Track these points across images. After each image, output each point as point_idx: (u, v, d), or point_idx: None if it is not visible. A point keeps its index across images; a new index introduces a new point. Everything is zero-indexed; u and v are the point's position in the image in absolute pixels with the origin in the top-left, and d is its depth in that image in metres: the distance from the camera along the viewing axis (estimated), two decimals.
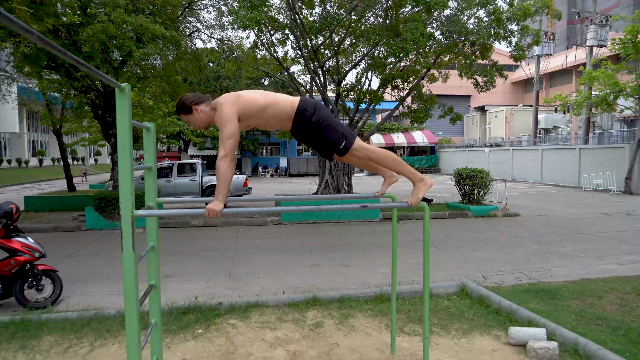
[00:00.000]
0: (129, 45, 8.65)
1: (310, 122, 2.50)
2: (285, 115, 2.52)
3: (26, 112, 36.07)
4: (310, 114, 2.50)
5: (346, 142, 2.52)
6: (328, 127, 2.51)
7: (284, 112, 2.51)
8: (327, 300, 4.61)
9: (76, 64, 1.58)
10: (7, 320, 4.02)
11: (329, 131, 2.51)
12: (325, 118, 2.52)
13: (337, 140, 2.52)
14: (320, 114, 2.51)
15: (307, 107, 2.51)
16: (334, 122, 2.54)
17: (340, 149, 2.53)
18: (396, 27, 10.72)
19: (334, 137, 2.52)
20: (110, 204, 10.12)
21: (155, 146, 2.85)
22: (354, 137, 2.56)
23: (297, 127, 2.55)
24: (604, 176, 17.99)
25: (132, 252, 2.08)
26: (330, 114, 2.58)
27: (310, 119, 2.50)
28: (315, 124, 2.50)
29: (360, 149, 2.55)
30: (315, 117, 2.50)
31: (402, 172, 2.65)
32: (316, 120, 2.50)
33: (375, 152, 2.60)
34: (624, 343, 3.49)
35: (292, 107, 2.51)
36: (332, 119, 2.55)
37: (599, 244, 7.89)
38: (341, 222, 10.69)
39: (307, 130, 2.54)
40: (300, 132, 2.57)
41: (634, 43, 14.64)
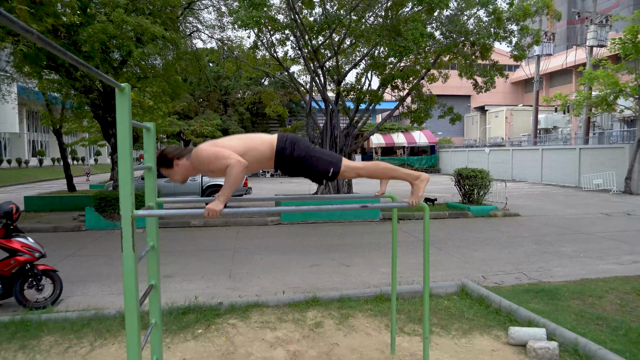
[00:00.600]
0: (129, 45, 8.65)
1: (292, 158, 2.50)
2: (265, 157, 2.51)
3: (26, 112, 36.07)
4: (290, 150, 2.49)
5: (334, 168, 2.53)
6: (311, 159, 2.51)
7: (263, 154, 2.50)
8: (327, 300, 4.61)
9: (76, 64, 1.58)
10: (7, 320, 4.02)
11: (314, 162, 2.51)
12: (307, 151, 2.51)
13: (325, 169, 2.52)
14: (301, 148, 2.50)
15: (285, 146, 2.49)
16: (316, 153, 2.54)
17: (330, 176, 2.54)
18: (396, 27, 10.72)
19: (320, 167, 2.52)
20: (110, 204, 10.11)
21: (155, 146, 2.85)
22: (340, 160, 2.55)
23: (280, 164, 2.55)
24: (604, 176, 17.99)
25: (132, 252, 2.08)
26: (311, 145, 2.57)
27: (291, 155, 2.49)
28: (298, 159, 2.50)
29: (348, 169, 2.56)
30: (296, 153, 2.49)
31: (396, 177, 2.65)
32: (298, 155, 2.50)
33: (365, 168, 2.61)
34: (624, 343, 3.48)
35: (271, 148, 2.50)
36: (314, 150, 2.55)
37: (599, 244, 7.89)
38: (341, 222, 10.69)
39: (292, 166, 2.54)
40: (285, 168, 2.57)
41: (634, 43, 14.64)
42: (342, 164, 2.54)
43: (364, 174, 2.61)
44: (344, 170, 2.55)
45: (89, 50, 8.27)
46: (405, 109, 15.16)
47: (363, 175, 2.62)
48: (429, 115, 14.47)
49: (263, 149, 2.49)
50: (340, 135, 13.52)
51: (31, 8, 7.49)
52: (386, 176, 2.67)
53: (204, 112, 28.21)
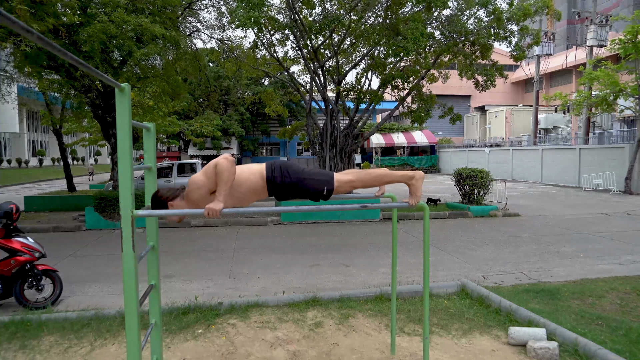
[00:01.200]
0: (129, 45, 8.65)
1: (284, 185, 2.50)
2: (259, 187, 2.51)
3: (26, 112, 36.07)
4: (281, 178, 2.49)
5: (327, 187, 2.53)
6: (303, 182, 2.51)
7: (257, 185, 2.50)
8: (327, 300, 4.61)
9: (76, 63, 1.58)
10: (7, 320, 4.02)
11: (307, 185, 2.52)
12: (296, 175, 2.51)
13: (319, 189, 2.53)
14: (291, 173, 2.51)
15: (274, 174, 2.50)
16: (308, 175, 2.54)
17: (325, 194, 2.55)
18: (396, 26, 10.72)
19: (313, 188, 2.53)
20: (110, 204, 10.12)
21: (155, 146, 2.85)
22: (332, 178, 2.56)
23: (273, 192, 2.55)
24: (604, 176, 17.99)
25: (132, 252, 2.08)
26: (300, 168, 2.57)
27: (282, 182, 2.50)
28: (290, 185, 2.51)
29: (343, 184, 2.56)
30: (287, 179, 2.50)
31: (392, 182, 2.66)
32: (290, 182, 2.50)
33: (358, 180, 2.60)
34: (624, 343, 3.48)
35: (261, 178, 2.50)
36: (304, 172, 2.55)
37: (599, 244, 7.89)
38: (341, 222, 10.69)
39: (285, 192, 2.54)
40: (279, 194, 2.57)
41: (634, 43, 14.64)
42: (334, 181, 2.55)
43: (359, 185, 2.61)
44: (338, 186, 2.55)
45: (89, 50, 8.27)
46: (405, 109, 15.16)
47: (358, 186, 2.62)
48: (429, 115, 14.47)
49: (254, 179, 2.50)
50: (340, 135, 13.52)
51: (31, 8, 7.49)
52: (381, 183, 2.67)
53: (204, 112, 28.21)
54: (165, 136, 25.54)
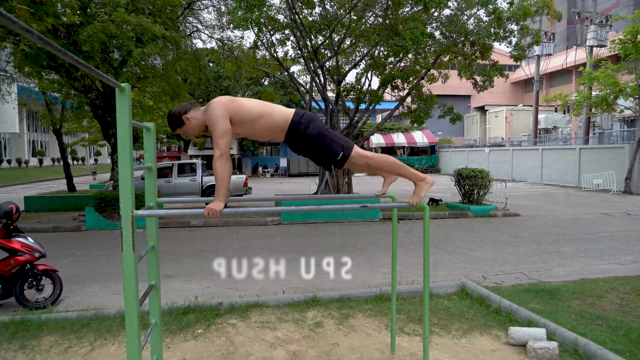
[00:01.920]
0: (129, 45, 8.66)
1: (305, 135, 2.47)
2: (278, 127, 2.48)
3: (26, 112, 36.07)
4: (305, 126, 2.46)
5: (344, 152, 2.49)
6: (324, 139, 2.48)
7: (277, 123, 2.48)
8: (327, 300, 4.61)
9: (76, 63, 1.58)
10: (7, 320, 4.02)
11: (325, 143, 2.48)
12: (320, 130, 2.48)
13: (335, 151, 2.49)
14: (315, 126, 2.47)
15: (301, 120, 2.47)
16: (329, 134, 2.50)
17: (338, 160, 2.50)
18: (396, 26, 10.73)
19: (330, 148, 2.48)
20: (110, 204, 10.12)
21: (155, 146, 2.85)
22: (351, 146, 2.53)
23: (291, 138, 2.51)
24: (604, 176, 17.99)
25: (132, 252, 2.08)
26: (325, 126, 2.54)
27: (304, 131, 2.46)
28: (310, 137, 2.47)
29: (358, 157, 2.53)
30: (310, 130, 2.46)
31: (403, 175, 2.63)
32: (311, 133, 2.46)
33: (374, 158, 2.57)
34: (624, 343, 3.48)
35: (285, 119, 2.47)
36: (328, 131, 2.52)
37: (599, 244, 7.89)
38: (341, 222, 10.69)
39: (303, 143, 2.51)
40: (295, 144, 2.53)
41: (634, 43, 14.64)
42: (353, 150, 2.51)
43: (372, 163, 2.57)
44: (354, 156, 2.51)
45: (89, 50, 8.27)
46: (405, 109, 15.16)
47: (372, 164, 2.58)
48: (429, 115, 14.48)
49: (278, 117, 2.47)
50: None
51: (31, 8, 7.49)
52: (393, 171, 2.64)
53: None
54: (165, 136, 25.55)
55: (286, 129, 2.48)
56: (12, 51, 10.00)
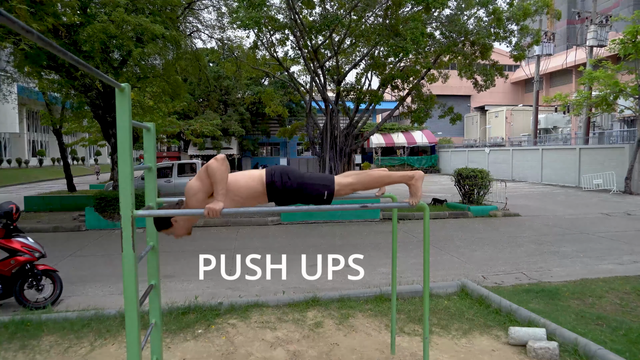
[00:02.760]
0: (129, 45, 8.65)
1: (285, 190, 2.49)
2: (259, 192, 2.50)
3: (26, 112, 36.06)
4: (280, 182, 2.48)
5: (327, 191, 2.52)
6: (305, 186, 2.51)
7: (256, 190, 2.50)
8: (327, 300, 4.61)
9: (76, 63, 1.58)
10: (7, 320, 4.02)
11: (307, 189, 2.51)
12: (297, 180, 2.51)
13: (319, 194, 2.52)
14: (292, 178, 2.50)
15: (274, 179, 2.49)
16: (307, 179, 2.54)
17: (325, 199, 2.54)
18: (396, 26, 10.73)
19: (314, 192, 2.52)
20: (110, 204, 10.11)
21: (155, 146, 2.85)
22: (332, 181, 2.55)
23: (273, 197, 2.54)
24: (604, 176, 17.99)
25: (132, 252, 2.08)
26: (300, 173, 2.57)
27: (283, 187, 2.49)
28: (290, 190, 2.50)
29: (343, 187, 2.56)
30: (287, 184, 2.49)
31: (392, 183, 2.66)
32: (290, 186, 2.49)
33: (359, 182, 2.60)
34: (624, 343, 3.48)
35: (261, 183, 2.50)
36: (304, 177, 2.54)
37: (599, 244, 7.89)
38: (341, 222, 10.69)
39: (285, 196, 2.53)
40: (279, 199, 2.56)
41: (634, 43, 14.64)
42: (335, 185, 2.55)
43: (359, 187, 2.61)
44: (339, 189, 2.55)
45: (89, 50, 8.26)
46: (405, 109, 15.16)
47: (359, 189, 2.62)
48: (428, 115, 14.48)
49: (254, 184, 2.50)
50: (340, 135, 13.52)
51: (31, 8, 7.48)
52: (382, 184, 2.68)
53: (204, 112, 28.21)
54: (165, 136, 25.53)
55: (265, 191, 2.51)
56: (12, 51, 10.00)
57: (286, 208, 2.41)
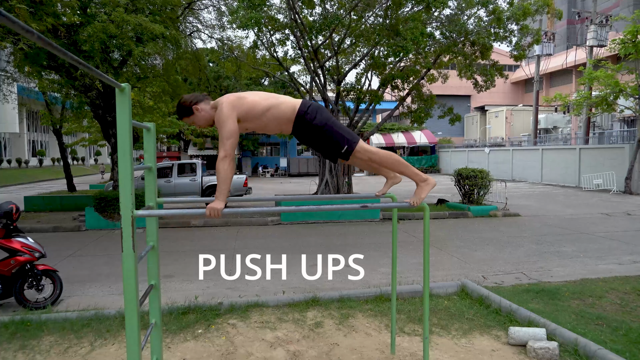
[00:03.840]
0: (129, 45, 8.65)
1: (311, 125, 2.48)
2: (285, 118, 2.50)
3: (26, 112, 36.05)
4: (312, 117, 2.47)
5: (348, 146, 2.50)
6: (330, 130, 2.49)
7: (284, 114, 2.49)
8: (327, 300, 4.61)
9: (76, 63, 1.58)
10: (7, 320, 4.02)
11: (331, 135, 2.49)
12: (327, 121, 2.49)
13: (340, 143, 2.50)
14: (322, 117, 2.49)
15: (308, 110, 2.48)
16: (336, 126, 2.52)
17: (343, 152, 2.52)
18: (396, 26, 10.72)
19: (336, 140, 2.50)
20: (110, 204, 10.11)
21: (155, 146, 2.85)
22: (356, 140, 2.54)
23: (298, 129, 2.53)
24: (604, 176, 17.99)
25: (132, 252, 2.08)
26: (332, 117, 2.55)
27: (311, 121, 2.47)
28: (316, 127, 2.48)
29: (362, 151, 2.53)
30: (317, 120, 2.47)
31: (405, 173, 2.64)
32: (318, 123, 2.48)
33: (378, 154, 2.58)
34: (624, 343, 3.48)
35: (292, 110, 2.49)
36: (334, 122, 2.53)
37: (599, 244, 7.89)
38: (341, 222, 10.69)
39: (309, 133, 2.52)
40: (302, 134, 2.55)
41: (634, 43, 14.64)
42: (357, 144, 2.52)
43: (376, 159, 2.58)
44: (358, 150, 2.52)
45: (89, 50, 8.26)
46: (405, 109, 15.16)
47: (375, 160, 2.59)
48: (429, 115, 14.48)
49: (284, 108, 2.49)
50: None
51: (31, 7, 7.48)
52: (395, 169, 2.65)
53: None
54: (165, 136, 25.53)
55: (293, 120, 2.50)
56: (12, 51, 10.00)
57: (286, 208, 2.41)
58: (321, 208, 2.42)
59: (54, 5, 8.10)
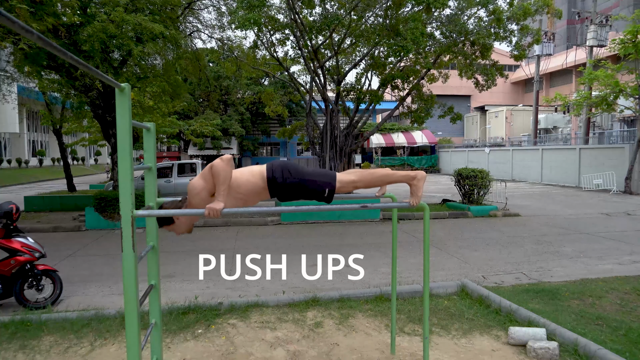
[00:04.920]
0: (129, 45, 8.65)
1: (285, 185, 2.48)
2: (260, 188, 2.49)
3: (26, 112, 36.04)
4: (281, 177, 2.47)
5: (329, 188, 2.51)
6: (305, 182, 2.49)
7: (257, 186, 2.48)
8: (327, 300, 4.61)
9: (76, 63, 1.58)
10: (7, 320, 4.02)
11: (308, 185, 2.49)
12: (297, 175, 2.49)
13: (320, 190, 2.51)
14: (292, 173, 2.49)
15: (274, 174, 2.48)
16: (308, 175, 2.51)
17: (326, 196, 2.53)
18: (396, 26, 10.73)
19: (315, 189, 2.50)
20: (110, 204, 10.11)
21: (155, 146, 2.85)
22: (334, 178, 2.53)
23: (274, 192, 2.52)
24: (604, 176, 17.99)
25: (132, 252, 2.08)
26: (301, 169, 2.55)
27: (283, 182, 2.47)
28: (290, 185, 2.48)
29: (344, 184, 2.54)
30: (288, 179, 2.47)
31: (394, 182, 2.65)
32: (291, 181, 2.48)
33: (361, 180, 2.58)
34: (624, 343, 3.48)
35: (262, 178, 2.48)
36: (305, 173, 2.52)
37: (599, 244, 7.89)
38: (341, 222, 10.69)
39: (286, 192, 2.52)
40: (280, 195, 2.55)
41: (634, 43, 14.64)
42: (336, 181, 2.52)
43: (361, 185, 2.59)
44: (340, 186, 2.53)
45: (89, 49, 8.26)
46: (405, 109, 15.16)
47: (360, 187, 2.60)
48: (429, 115, 14.48)
49: (255, 180, 2.48)
50: (340, 135, 13.52)
51: (31, 7, 7.48)
52: (383, 183, 2.66)
53: (204, 112, 28.20)
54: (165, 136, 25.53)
55: (267, 187, 2.49)
56: (12, 51, 10.00)
57: (286, 208, 2.41)
58: (321, 208, 2.42)
59: (54, 5, 8.09)
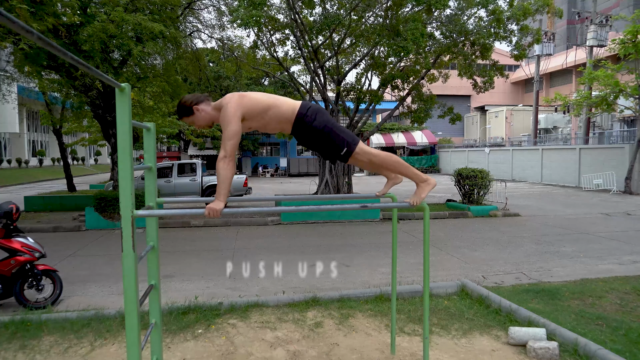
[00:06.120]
0: (129, 44, 8.65)
1: (310, 127, 2.49)
2: (285, 118, 2.51)
3: (26, 112, 36.04)
4: (311, 119, 2.48)
5: (347, 148, 2.50)
6: (329, 132, 2.49)
7: (284, 115, 2.50)
8: (327, 300, 4.61)
9: (76, 63, 1.58)
10: (7, 320, 4.02)
11: (331, 137, 2.50)
12: (326, 123, 2.50)
13: (339, 145, 2.50)
14: (322, 119, 2.49)
15: (307, 112, 2.49)
16: (335, 128, 2.52)
17: (342, 154, 2.52)
18: (396, 27, 10.72)
19: (335, 142, 2.50)
20: (110, 204, 10.11)
21: (155, 146, 2.85)
22: (356, 141, 2.54)
23: (297, 130, 2.54)
24: (604, 176, 17.99)
25: (132, 252, 2.08)
26: (332, 119, 2.56)
27: (311, 124, 2.48)
28: (315, 129, 2.49)
29: (362, 153, 2.53)
30: (316, 123, 2.48)
31: (406, 174, 2.64)
32: (317, 126, 2.48)
33: (378, 156, 2.58)
34: (624, 343, 3.48)
35: (292, 111, 2.50)
36: (334, 124, 2.53)
37: (599, 244, 7.89)
38: (341, 222, 10.69)
39: (308, 135, 2.53)
40: (301, 135, 2.56)
41: (634, 43, 14.64)
42: (357, 145, 2.52)
43: (376, 161, 2.58)
44: (357, 152, 2.52)
45: (89, 49, 8.26)
46: (405, 109, 15.16)
47: (375, 162, 2.59)
48: (429, 115, 14.48)
49: (285, 109, 2.50)
50: None
51: (31, 7, 7.48)
52: (396, 170, 2.65)
53: None
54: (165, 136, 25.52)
55: (293, 121, 2.51)
56: (12, 51, 10.00)
57: (286, 208, 2.41)
58: (321, 208, 2.41)
59: (54, 5, 8.10)
